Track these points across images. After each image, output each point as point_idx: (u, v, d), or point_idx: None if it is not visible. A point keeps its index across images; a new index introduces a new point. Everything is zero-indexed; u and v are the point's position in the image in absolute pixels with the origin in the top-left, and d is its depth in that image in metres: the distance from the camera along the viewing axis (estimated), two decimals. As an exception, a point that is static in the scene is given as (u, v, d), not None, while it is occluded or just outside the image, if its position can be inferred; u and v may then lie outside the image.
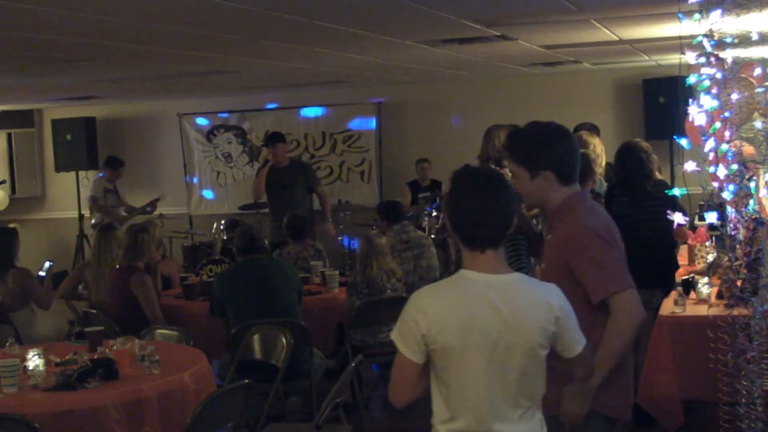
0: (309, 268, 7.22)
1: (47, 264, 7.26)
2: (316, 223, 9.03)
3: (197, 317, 6.40)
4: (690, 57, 3.90)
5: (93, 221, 10.81)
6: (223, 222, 10.78)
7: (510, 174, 6.82)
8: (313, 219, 8.91)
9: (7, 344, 4.90)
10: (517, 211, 2.88)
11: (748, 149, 3.95)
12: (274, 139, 9.06)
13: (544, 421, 2.74)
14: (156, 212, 10.92)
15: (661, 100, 10.07)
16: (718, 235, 4.23)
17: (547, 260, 3.26)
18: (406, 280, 6.85)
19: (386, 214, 7.42)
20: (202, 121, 12.49)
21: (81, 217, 12.14)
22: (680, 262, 5.93)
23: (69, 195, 12.53)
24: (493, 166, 6.26)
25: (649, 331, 4.57)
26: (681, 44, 3.93)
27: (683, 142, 3.82)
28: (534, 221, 5.66)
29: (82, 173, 12.32)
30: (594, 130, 7.06)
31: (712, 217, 3.09)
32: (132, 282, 6.14)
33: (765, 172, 4.19)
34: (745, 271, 3.85)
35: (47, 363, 4.41)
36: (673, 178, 9.06)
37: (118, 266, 6.35)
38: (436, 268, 7.33)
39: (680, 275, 5.33)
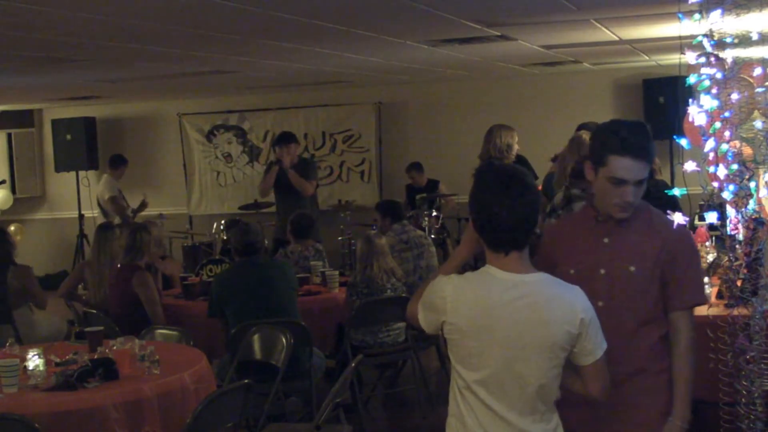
0: (309, 267, 7.22)
1: None
2: (319, 223, 9.05)
3: (197, 317, 6.40)
4: (690, 57, 3.90)
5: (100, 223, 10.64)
6: (223, 222, 10.78)
7: None
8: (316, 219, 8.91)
9: (7, 344, 4.90)
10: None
11: (748, 149, 3.95)
12: (286, 139, 8.72)
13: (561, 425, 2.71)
14: (156, 212, 10.92)
15: (661, 100, 10.07)
16: (718, 235, 4.24)
17: (635, 262, 2.98)
18: (405, 279, 6.85)
19: (389, 212, 7.38)
20: (202, 121, 12.50)
21: (81, 217, 12.14)
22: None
23: (69, 195, 12.53)
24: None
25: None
26: (681, 44, 3.93)
27: (683, 142, 3.82)
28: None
29: (82, 173, 12.32)
30: None
31: (712, 217, 3.08)
32: (134, 281, 6.14)
33: (765, 172, 4.19)
34: (745, 271, 3.85)
35: (47, 363, 4.41)
36: (673, 178, 9.06)
37: (119, 266, 6.35)
38: (436, 268, 7.33)
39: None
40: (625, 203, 2.92)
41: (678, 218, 2.88)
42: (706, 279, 4.85)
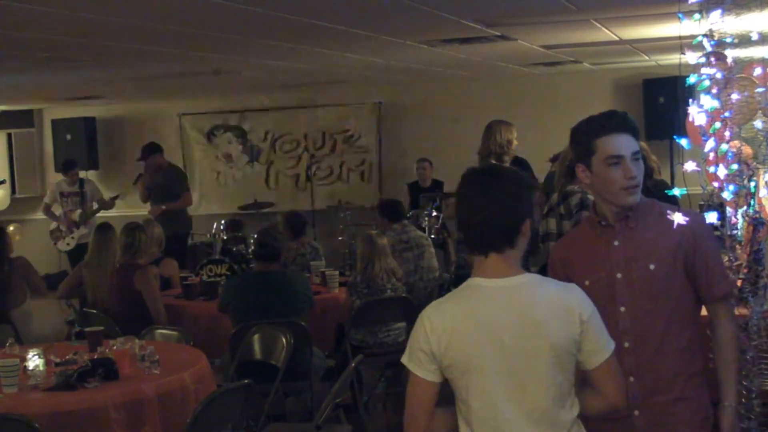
0: (308, 265, 7.23)
1: None
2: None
3: (197, 317, 6.41)
4: (690, 57, 3.90)
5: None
6: (223, 222, 10.78)
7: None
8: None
9: (7, 344, 4.90)
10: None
11: (748, 149, 3.94)
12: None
13: None
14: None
15: (661, 100, 10.07)
16: (718, 235, 4.24)
17: (653, 259, 2.84)
18: (406, 280, 6.85)
19: (386, 212, 7.40)
20: (202, 121, 12.49)
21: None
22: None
23: (69, 195, 12.51)
24: (493, 162, 6.27)
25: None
26: (681, 44, 3.93)
27: (683, 142, 3.82)
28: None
29: (82, 173, 12.30)
30: None
31: (712, 217, 3.07)
32: (136, 278, 6.15)
33: (765, 172, 4.19)
34: (745, 270, 3.84)
35: (47, 363, 4.41)
36: (673, 178, 9.05)
37: (119, 265, 6.35)
38: (436, 269, 7.33)
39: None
40: (630, 180, 2.79)
41: (678, 218, 2.87)
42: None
